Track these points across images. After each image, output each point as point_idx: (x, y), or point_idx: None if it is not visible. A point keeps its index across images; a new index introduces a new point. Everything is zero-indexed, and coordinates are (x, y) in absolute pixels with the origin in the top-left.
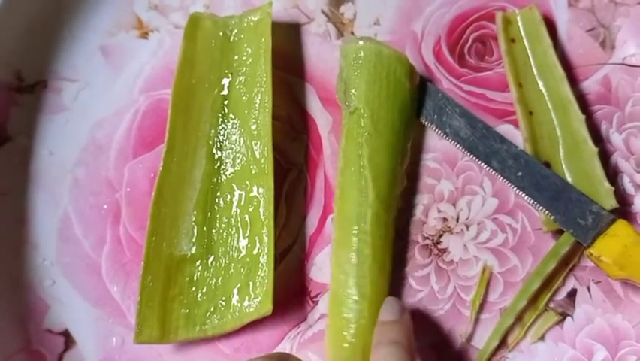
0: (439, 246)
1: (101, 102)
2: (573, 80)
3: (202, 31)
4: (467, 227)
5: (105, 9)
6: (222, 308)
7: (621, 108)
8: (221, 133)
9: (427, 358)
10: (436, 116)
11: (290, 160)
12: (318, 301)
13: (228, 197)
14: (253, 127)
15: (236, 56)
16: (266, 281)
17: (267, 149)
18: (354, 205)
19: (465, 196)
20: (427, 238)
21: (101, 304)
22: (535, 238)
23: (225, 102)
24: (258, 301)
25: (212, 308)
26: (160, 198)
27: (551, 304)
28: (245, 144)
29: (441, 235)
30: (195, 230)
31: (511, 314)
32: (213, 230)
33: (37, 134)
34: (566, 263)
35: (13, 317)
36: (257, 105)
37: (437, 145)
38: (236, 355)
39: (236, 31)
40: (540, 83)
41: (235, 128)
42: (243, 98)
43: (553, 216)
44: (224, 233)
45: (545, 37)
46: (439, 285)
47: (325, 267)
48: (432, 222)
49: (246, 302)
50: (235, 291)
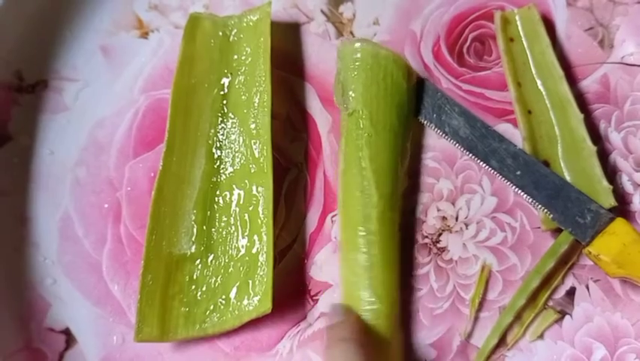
0: (439, 245)
1: (102, 102)
2: (572, 79)
3: (201, 31)
4: (466, 226)
5: (105, 9)
6: (222, 307)
7: (620, 107)
8: (221, 132)
9: (427, 356)
10: (435, 115)
11: (290, 159)
12: (318, 299)
13: (228, 196)
14: (252, 126)
15: (235, 56)
16: (265, 280)
17: (267, 148)
18: (359, 207)
19: (464, 195)
20: (427, 236)
21: (102, 302)
22: (534, 237)
23: (225, 102)
24: (257, 299)
25: (211, 307)
26: (160, 197)
27: (550, 303)
28: (244, 143)
29: (440, 234)
30: (195, 229)
31: (511, 313)
32: (213, 229)
33: (38, 134)
34: (565, 262)
35: (14, 315)
36: (256, 105)
37: (436, 144)
38: (236, 353)
39: (235, 30)
40: (539, 82)
41: (234, 128)
42: (243, 97)
43: (552, 215)
44: (223, 232)
45: (544, 36)
46: (439, 283)
47: (325, 266)
48: (431, 221)
49: (245, 301)
50: (234, 290)
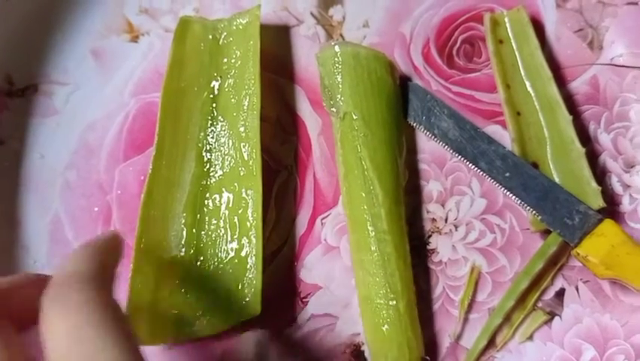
0: (428, 246)
1: (92, 105)
2: (561, 80)
3: (191, 35)
4: (456, 227)
5: (95, 13)
6: (212, 310)
7: (609, 108)
8: (211, 135)
9: None
10: (424, 117)
11: (279, 162)
12: (307, 302)
13: (217, 199)
14: (242, 129)
15: (225, 59)
16: (254, 283)
17: (256, 151)
18: (366, 207)
19: (454, 197)
20: (416, 238)
21: None
22: (524, 238)
23: (214, 105)
24: (247, 302)
25: (202, 310)
26: (149, 201)
27: (540, 304)
28: (234, 146)
29: (430, 236)
30: (185, 232)
31: (500, 314)
32: (202, 232)
33: (28, 138)
34: (554, 263)
35: None
36: (245, 107)
37: (425, 146)
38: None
39: (225, 34)
40: (528, 84)
41: (224, 131)
42: (232, 100)
43: (540, 217)
44: (213, 235)
45: (533, 38)
46: (428, 285)
47: (315, 268)
48: (420, 223)
49: (234, 304)
50: (224, 292)
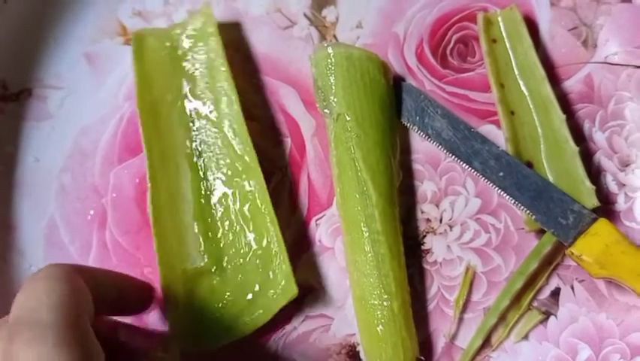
0: (423, 247)
1: (86, 109)
2: (556, 79)
3: (148, 48)
4: (450, 227)
5: (89, 16)
6: (250, 305)
7: (604, 107)
8: (197, 141)
9: None
10: (418, 117)
11: (273, 163)
12: (302, 303)
13: (223, 199)
14: (227, 127)
15: (189, 65)
16: (283, 267)
17: (247, 143)
18: (359, 208)
19: (448, 197)
20: (411, 238)
21: None
22: (519, 238)
23: (192, 110)
24: (282, 286)
25: (240, 308)
26: (159, 218)
27: (535, 304)
28: (224, 145)
29: (424, 236)
30: (201, 240)
31: (495, 314)
32: (219, 234)
33: (22, 142)
34: (549, 262)
35: None
36: (224, 106)
37: (419, 146)
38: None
39: (183, 39)
40: (521, 83)
41: (209, 133)
42: (208, 102)
43: (534, 216)
44: (229, 234)
45: (526, 37)
46: (423, 285)
47: (310, 269)
48: (415, 224)
49: (270, 292)
50: (257, 286)
